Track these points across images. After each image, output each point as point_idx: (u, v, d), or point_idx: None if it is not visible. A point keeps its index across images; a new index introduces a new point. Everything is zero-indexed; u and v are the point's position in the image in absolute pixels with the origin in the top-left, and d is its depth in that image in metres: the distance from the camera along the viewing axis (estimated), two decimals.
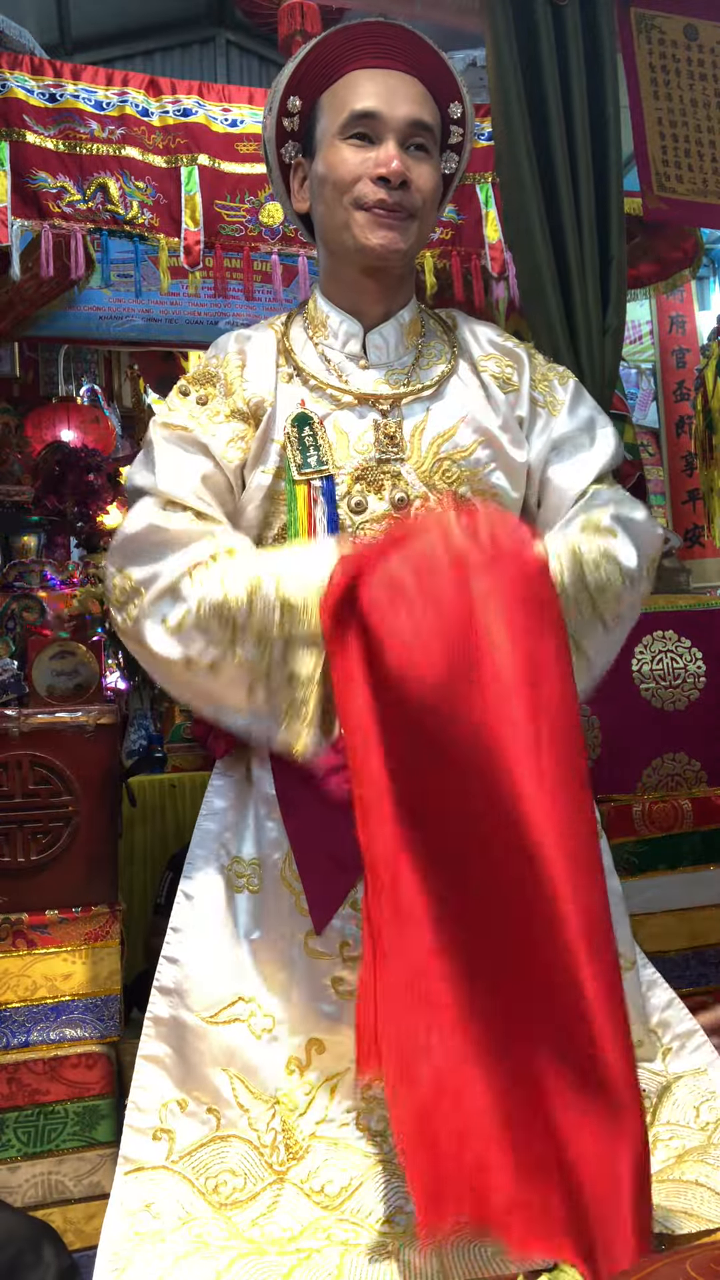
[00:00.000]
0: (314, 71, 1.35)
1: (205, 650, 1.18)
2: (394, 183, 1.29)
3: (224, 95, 3.30)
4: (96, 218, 3.10)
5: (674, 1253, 0.89)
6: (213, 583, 1.19)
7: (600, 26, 2.50)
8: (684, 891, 1.86)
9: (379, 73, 1.32)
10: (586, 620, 1.25)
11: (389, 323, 1.40)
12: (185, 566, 1.21)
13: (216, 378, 1.37)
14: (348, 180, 1.30)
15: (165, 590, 1.21)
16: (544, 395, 1.41)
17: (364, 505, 1.32)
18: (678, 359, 5.85)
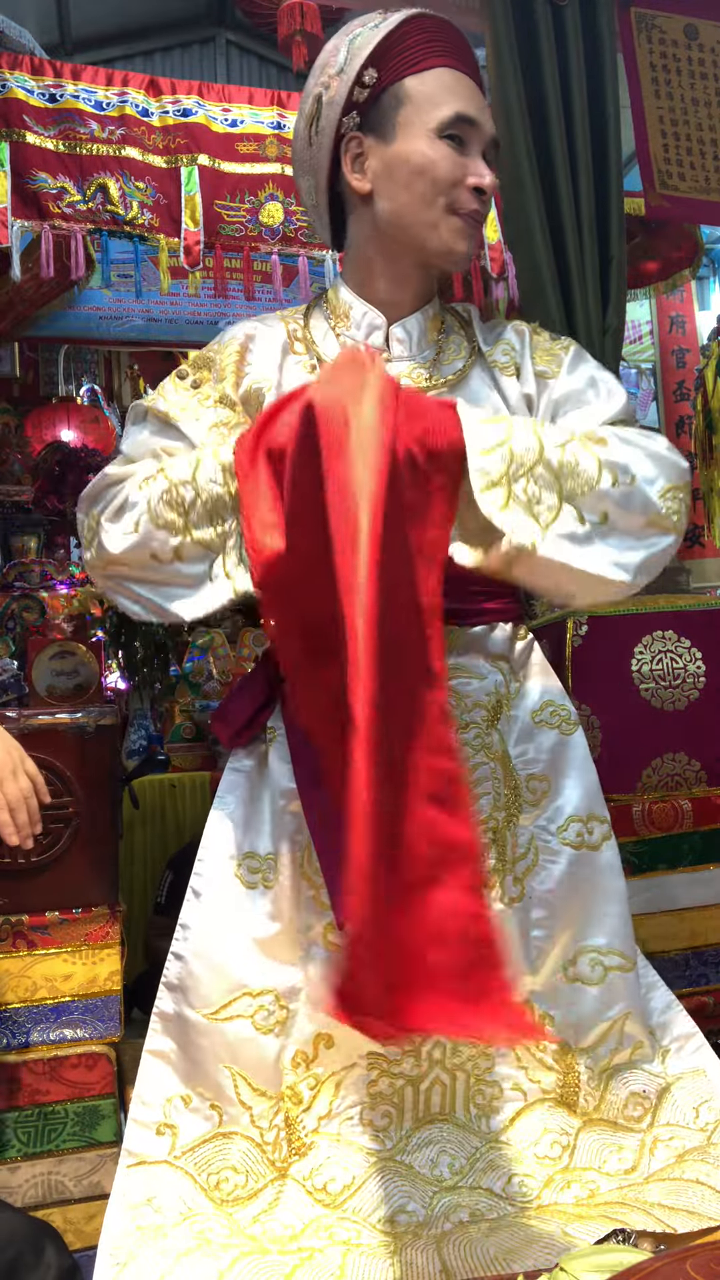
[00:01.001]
0: (395, 52, 1.30)
1: (160, 540, 1.21)
2: (488, 195, 1.31)
3: (224, 95, 3.30)
4: (96, 218, 3.10)
5: (674, 1253, 0.89)
6: (158, 481, 1.23)
7: (600, 26, 2.49)
8: (684, 891, 1.86)
9: (465, 78, 1.31)
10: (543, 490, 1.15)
11: (414, 316, 1.38)
12: (135, 483, 1.26)
13: (213, 363, 1.37)
14: (447, 181, 1.28)
15: (119, 505, 1.26)
16: (548, 367, 1.39)
17: None
18: (678, 359, 5.85)
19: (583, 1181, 1.21)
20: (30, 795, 1.32)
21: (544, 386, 1.38)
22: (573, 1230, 1.12)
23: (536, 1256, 1.08)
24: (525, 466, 1.14)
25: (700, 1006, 1.82)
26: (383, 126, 1.31)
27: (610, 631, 1.94)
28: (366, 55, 1.30)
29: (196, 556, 1.21)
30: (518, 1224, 1.15)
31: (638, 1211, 1.14)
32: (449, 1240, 1.12)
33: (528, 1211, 1.17)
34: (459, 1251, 1.10)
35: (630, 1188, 1.20)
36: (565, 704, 1.40)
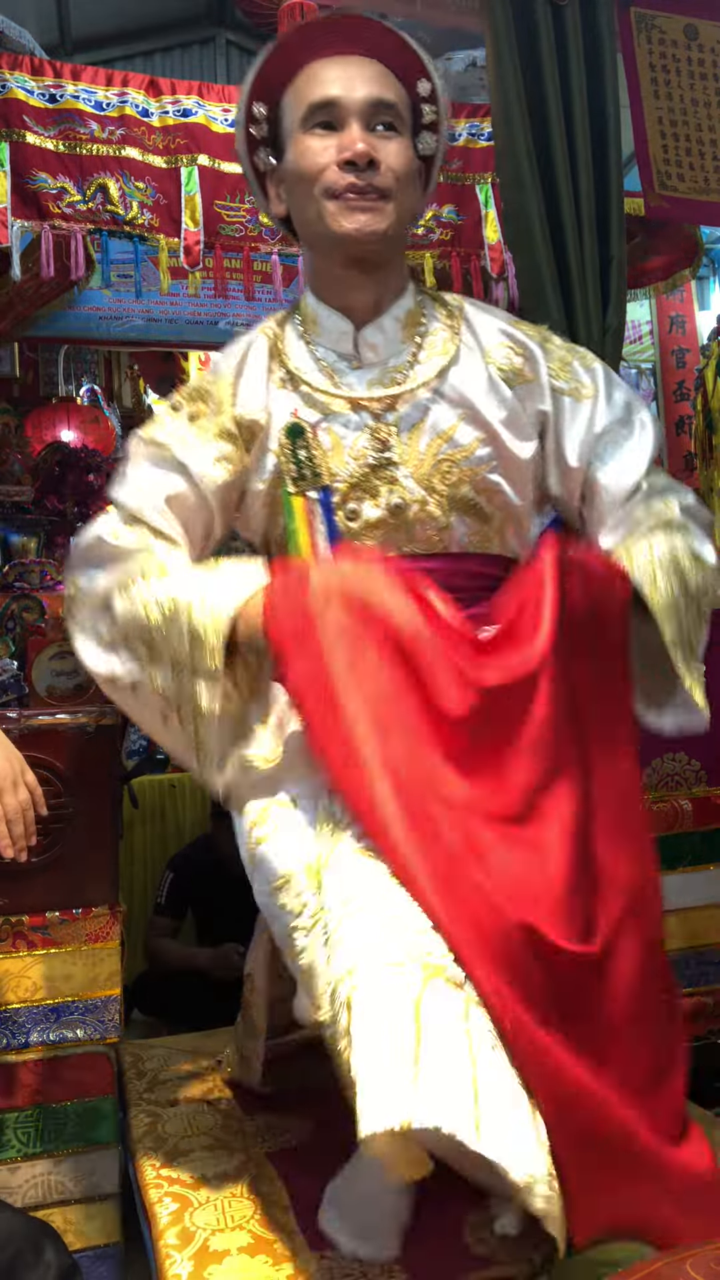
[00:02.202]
0: (274, 74, 1.32)
1: (128, 669, 1.20)
2: (361, 164, 1.24)
3: (224, 95, 3.30)
4: (96, 218, 3.10)
5: (674, 1252, 0.89)
6: (139, 600, 1.18)
7: (600, 26, 2.49)
8: (684, 891, 1.86)
9: (336, 60, 1.28)
10: (699, 621, 1.24)
11: (383, 318, 1.34)
12: (118, 581, 1.20)
13: (210, 395, 1.34)
14: (315, 170, 1.26)
15: (99, 603, 1.22)
16: (568, 383, 1.34)
17: (358, 513, 1.29)
18: (678, 359, 5.85)
19: None
20: (28, 808, 1.33)
21: (567, 408, 1.33)
22: None
23: None
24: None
25: (700, 1007, 1.82)
26: (280, 149, 1.33)
27: None
28: (248, 94, 1.33)
29: (152, 702, 1.20)
30: None
31: None
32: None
33: None
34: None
35: None
36: None
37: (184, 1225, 1.21)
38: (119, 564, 1.23)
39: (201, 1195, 1.28)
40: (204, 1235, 1.18)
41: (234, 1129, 1.47)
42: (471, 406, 1.31)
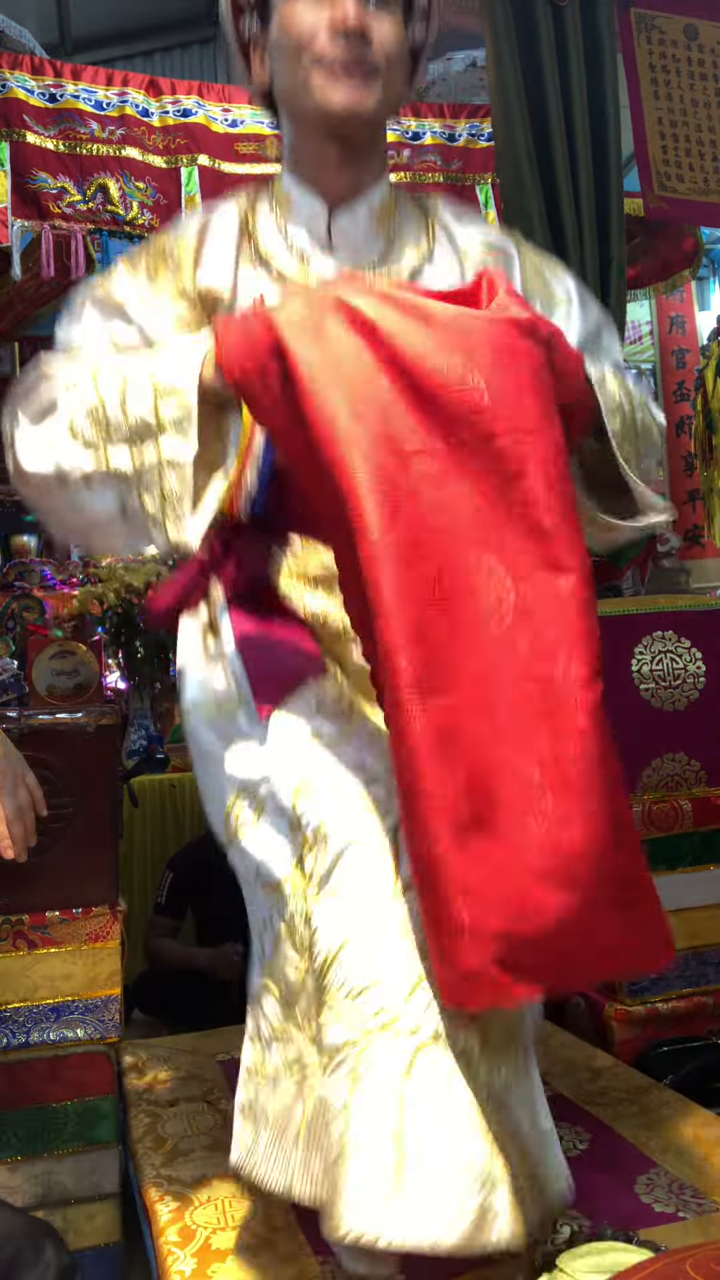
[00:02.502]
0: None
1: (76, 458, 1.10)
2: (353, 36, 1.17)
3: (224, 95, 3.30)
4: (97, 218, 3.10)
5: (674, 1252, 0.89)
6: (85, 389, 1.11)
7: (600, 26, 2.49)
8: (684, 891, 1.86)
9: None
10: (639, 445, 1.25)
11: (358, 202, 1.28)
12: (62, 385, 1.13)
13: (170, 254, 1.28)
14: (305, 37, 1.19)
15: (42, 408, 1.14)
16: (540, 289, 1.32)
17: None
18: (678, 359, 5.85)
19: None
20: (29, 809, 1.33)
21: (550, 309, 1.30)
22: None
23: None
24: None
25: (700, 1007, 1.82)
26: (266, 16, 1.25)
27: (610, 632, 1.94)
28: None
29: (108, 487, 1.10)
30: None
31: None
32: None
33: None
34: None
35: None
36: None
37: (185, 1223, 1.21)
38: (59, 377, 1.15)
39: (202, 1195, 1.28)
40: (205, 1234, 1.18)
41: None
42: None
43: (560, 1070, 1.60)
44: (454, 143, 3.42)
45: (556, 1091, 1.51)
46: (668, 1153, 1.30)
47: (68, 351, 1.24)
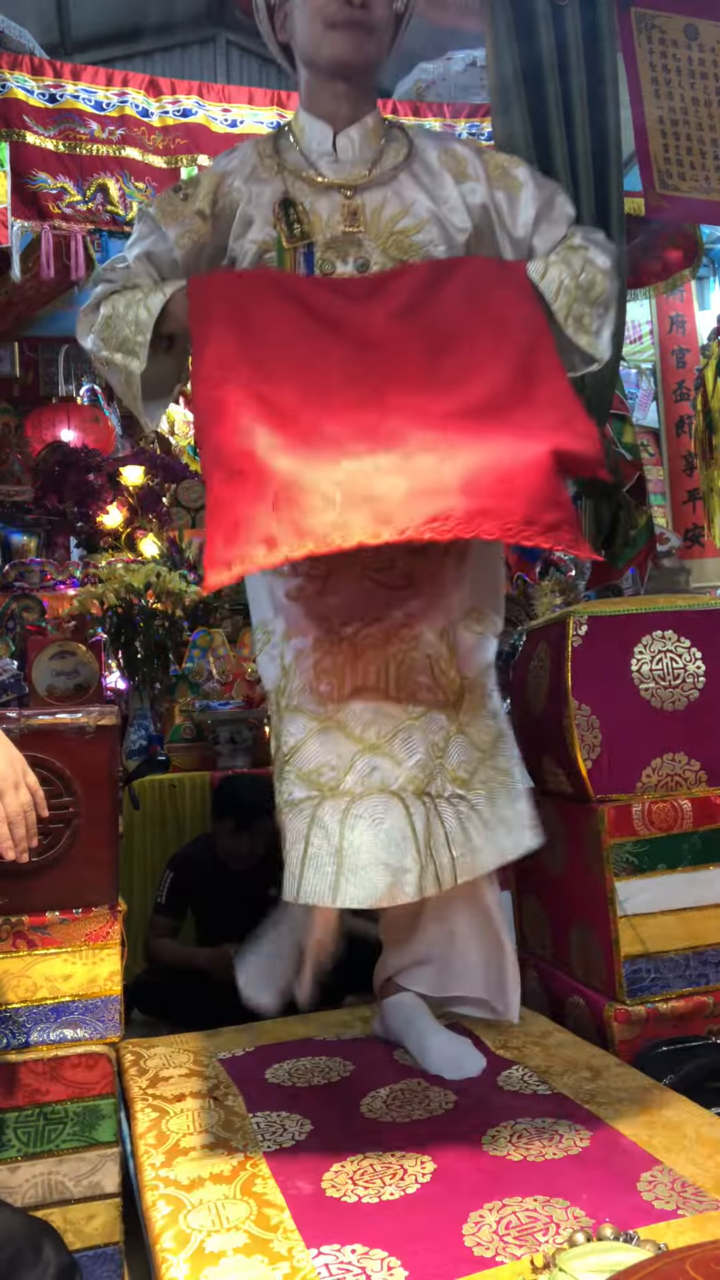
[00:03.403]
0: None
1: (102, 347, 1.68)
2: (356, 4, 1.64)
3: (224, 95, 3.30)
4: (96, 218, 3.11)
5: (674, 1252, 0.89)
6: (111, 303, 1.68)
7: (600, 26, 2.49)
8: (684, 891, 1.86)
9: None
10: (588, 307, 1.67)
11: (355, 125, 1.75)
12: (105, 291, 1.71)
13: (199, 182, 1.76)
14: (321, 6, 1.66)
15: (95, 302, 1.72)
16: (502, 180, 1.76)
17: (332, 269, 1.70)
18: (678, 359, 5.85)
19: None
20: (29, 809, 1.32)
21: (505, 200, 1.75)
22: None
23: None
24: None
25: (700, 1006, 1.82)
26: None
27: (610, 631, 1.94)
28: None
29: (112, 371, 1.71)
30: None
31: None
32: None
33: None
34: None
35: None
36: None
37: (179, 1228, 1.21)
38: (110, 283, 1.73)
39: (197, 1197, 1.28)
40: (200, 1237, 1.18)
41: (235, 1128, 1.47)
42: (420, 194, 1.73)
43: (560, 1070, 1.60)
44: None
45: (556, 1091, 1.51)
46: (669, 1152, 1.30)
47: (127, 253, 1.77)
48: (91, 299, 1.74)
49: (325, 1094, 1.58)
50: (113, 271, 1.75)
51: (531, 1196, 1.20)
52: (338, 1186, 1.28)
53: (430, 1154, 1.34)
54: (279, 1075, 1.67)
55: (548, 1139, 1.35)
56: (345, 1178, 1.30)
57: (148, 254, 1.74)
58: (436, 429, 1.37)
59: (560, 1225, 1.14)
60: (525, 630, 2.32)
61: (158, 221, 1.75)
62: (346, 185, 1.72)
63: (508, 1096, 1.51)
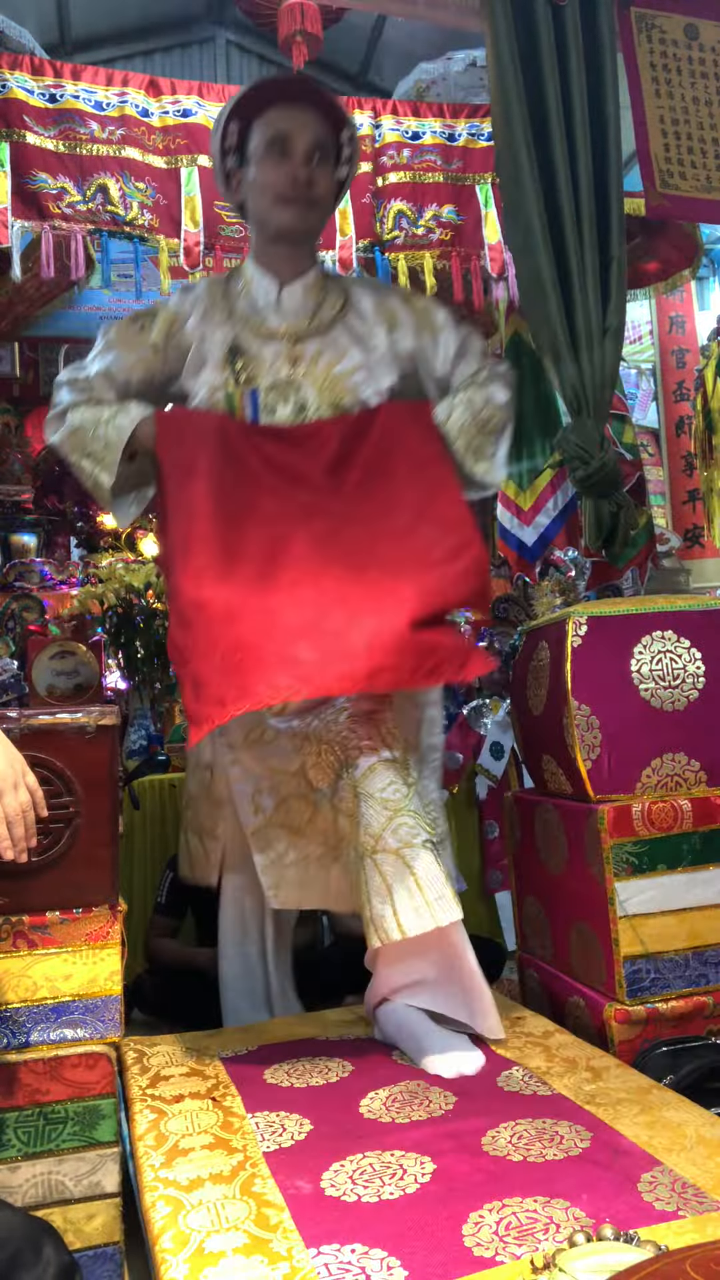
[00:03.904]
0: (246, 107, 1.94)
1: (70, 451, 1.96)
2: (303, 183, 1.91)
3: (224, 95, 3.30)
4: (96, 219, 3.10)
5: (674, 1252, 0.89)
6: (77, 413, 1.94)
7: (600, 26, 2.49)
8: (684, 891, 1.86)
9: (293, 108, 1.92)
10: (485, 437, 1.98)
11: (298, 281, 1.98)
12: (70, 403, 1.96)
13: (155, 316, 2.00)
14: (271, 183, 1.92)
15: (61, 409, 1.97)
16: (427, 326, 2.02)
17: (274, 409, 1.93)
18: (678, 359, 5.85)
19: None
20: (29, 809, 1.32)
21: (432, 342, 2.02)
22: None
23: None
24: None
25: (700, 1006, 1.82)
26: (244, 158, 1.98)
27: (610, 631, 1.94)
28: (225, 118, 1.97)
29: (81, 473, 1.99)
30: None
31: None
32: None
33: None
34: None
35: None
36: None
37: (179, 1228, 1.21)
38: (74, 394, 1.98)
39: (196, 1197, 1.28)
40: (199, 1238, 1.18)
41: (234, 1127, 1.47)
42: (353, 344, 1.97)
43: (560, 1070, 1.60)
44: (454, 142, 3.42)
45: (556, 1091, 1.51)
46: (670, 1152, 1.30)
47: (88, 367, 2.02)
48: (59, 406, 1.97)
49: (325, 1094, 1.58)
50: (75, 382, 1.98)
51: (531, 1197, 1.20)
52: (337, 1186, 1.28)
53: (430, 1154, 1.33)
54: (279, 1075, 1.67)
55: (548, 1139, 1.35)
56: (345, 1177, 1.30)
57: (107, 371, 1.98)
58: (348, 598, 1.68)
59: (560, 1225, 1.14)
60: (525, 630, 2.32)
61: (116, 345, 1.99)
62: (289, 335, 1.96)
63: (508, 1097, 1.51)
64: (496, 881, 3.57)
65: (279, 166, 1.91)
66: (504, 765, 3.56)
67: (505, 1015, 1.86)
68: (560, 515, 4.31)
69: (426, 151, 3.40)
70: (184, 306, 1.99)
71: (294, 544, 1.75)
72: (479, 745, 3.58)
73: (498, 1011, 1.77)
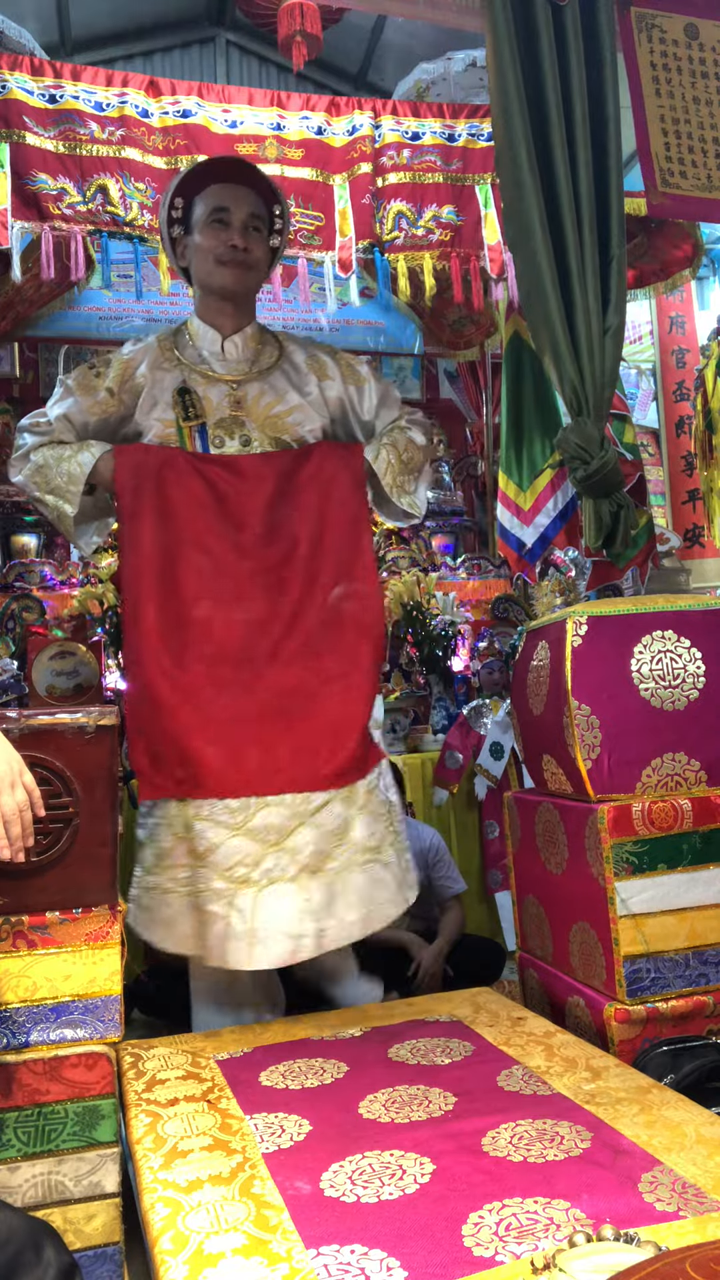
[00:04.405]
0: (190, 185, 2.21)
1: (35, 488, 2.18)
2: (240, 249, 2.16)
3: (224, 96, 3.30)
4: (96, 219, 3.10)
5: (674, 1252, 0.89)
6: (40, 453, 2.18)
7: (600, 26, 2.49)
8: (684, 891, 1.86)
9: (230, 186, 2.19)
10: (408, 475, 2.31)
11: (238, 334, 2.26)
12: (32, 444, 2.20)
13: (110, 365, 2.23)
14: (211, 251, 2.18)
15: (25, 450, 2.21)
16: (353, 378, 2.33)
17: (222, 443, 2.18)
18: (678, 359, 5.85)
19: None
20: (26, 808, 1.32)
21: (358, 391, 2.32)
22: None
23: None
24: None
25: (700, 1006, 1.82)
26: (189, 227, 2.23)
27: (610, 631, 1.94)
28: (172, 193, 2.23)
29: (45, 508, 2.22)
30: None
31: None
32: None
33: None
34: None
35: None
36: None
37: (178, 1230, 1.21)
38: (36, 436, 2.21)
39: (195, 1199, 1.28)
40: (199, 1239, 1.18)
41: (233, 1129, 1.47)
42: (289, 388, 2.25)
43: (560, 1070, 1.60)
44: (454, 142, 3.42)
45: (556, 1091, 1.51)
46: (670, 1152, 1.30)
47: (48, 413, 2.23)
48: (23, 448, 2.19)
49: (324, 1094, 1.58)
50: (37, 427, 2.21)
51: (531, 1197, 1.20)
52: (337, 1187, 1.28)
53: (430, 1154, 1.33)
54: (277, 1076, 1.67)
55: (548, 1139, 1.35)
56: (344, 1178, 1.30)
57: (66, 415, 2.19)
58: (278, 700, 2.05)
59: (560, 1225, 1.14)
60: (525, 630, 2.32)
61: (74, 391, 2.20)
62: (232, 379, 2.22)
63: (508, 1097, 1.51)
64: (496, 881, 3.57)
65: (219, 234, 2.16)
66: (504, 765, 3.56)
67: (505, 1015, 1.86)
68: (560, 515, 4.31)
69: (426, 152, 3.40)
70: (136, 355, 2.23)
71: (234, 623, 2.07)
72: (479, 745, 3.58)
73: (497, 1011, 1.76)
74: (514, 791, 2.34)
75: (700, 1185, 1.21)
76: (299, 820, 2.00)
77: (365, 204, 3.34)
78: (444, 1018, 1.90)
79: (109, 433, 2.22)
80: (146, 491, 2.08)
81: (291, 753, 2.01)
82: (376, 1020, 1.93)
